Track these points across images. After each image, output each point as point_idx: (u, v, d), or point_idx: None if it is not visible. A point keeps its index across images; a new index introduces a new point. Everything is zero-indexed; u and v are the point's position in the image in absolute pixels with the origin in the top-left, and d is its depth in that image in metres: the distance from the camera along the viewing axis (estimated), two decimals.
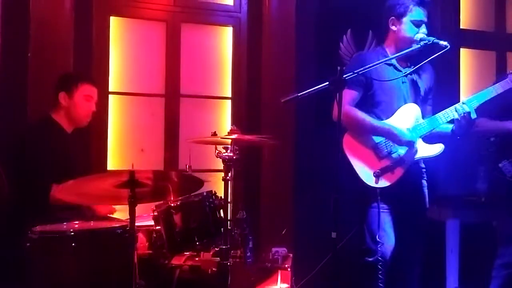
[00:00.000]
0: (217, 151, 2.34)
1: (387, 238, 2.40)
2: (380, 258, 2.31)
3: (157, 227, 2.31)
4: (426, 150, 2.47)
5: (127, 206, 1.96)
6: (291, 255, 2.49)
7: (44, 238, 1.97)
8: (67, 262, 1.98)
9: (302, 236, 3.17)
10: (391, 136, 2.42)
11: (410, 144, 2.42)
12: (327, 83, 1.96)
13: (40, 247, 1.96)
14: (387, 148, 2.44)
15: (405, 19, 2.47)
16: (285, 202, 3.35)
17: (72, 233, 1.99)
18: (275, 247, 2.69)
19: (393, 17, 2.51)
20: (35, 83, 2.88)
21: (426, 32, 2.44)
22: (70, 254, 1.97)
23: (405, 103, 2.51)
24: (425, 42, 2.40)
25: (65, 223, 2.12)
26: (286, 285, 2.23)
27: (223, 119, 3.52)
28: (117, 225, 2.12)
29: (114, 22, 3.29)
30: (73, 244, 1.96)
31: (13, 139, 2.67)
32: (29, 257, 1.97)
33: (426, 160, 2.52)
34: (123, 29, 3.33)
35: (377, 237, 2.35)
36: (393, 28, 2.52)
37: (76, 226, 2.12)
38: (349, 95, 2.43)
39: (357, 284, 2.46)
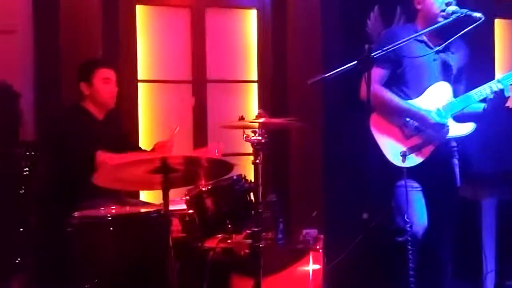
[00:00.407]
0: (245, 135, 2.36)
1: (418, 217, 2.37)
2: (409, 238, 2.29)
3: (190, 211, 2.36)
4: (457, 129, 2.41)
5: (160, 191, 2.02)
6: (322, 236, 2.51)
7: (83, 223, 2.06)
8: (105, 246, 2.06)
9: (332, 218, 3.18)
10: (419, 118, 2.38)
11: (440, 127, 2.38)
12: (355, 62, 1.93)
13: (80, 232, 2.05)
14: (415, 127, 2.40)
15: None
16: (314, 184, 3.35)
17: (110, 218, 2.07)
18: (305, 229, 2.70)
19: None
20: (67, 72, 2.97)
21: (451, 1, 2.36)
22: (108, 238, 2.05)
23: (436, 82, 2.45)
24: (457, 14, 2.31)
25: (102, 208, 2.20)
26: (318, 266, 2.25)
27: (250, 103, 3.53)
28: (152, 210, 2.19)
29: (140, 11, 3.33)
30: (111, 229, 2.04)
31: (50, 127, 2.76)
32: (70, 241, 2.06)
33: (459, 139, 2.46)
34: (149, 17, 3.36)
35: (405, 216, 2.33)
36: (418, 6, 2.46)
37: (113, 211, 2.19)
38: (377, 74, 2.38)
39: (388, 265, 2.46)
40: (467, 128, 2.41)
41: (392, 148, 2.37)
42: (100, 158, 2.41)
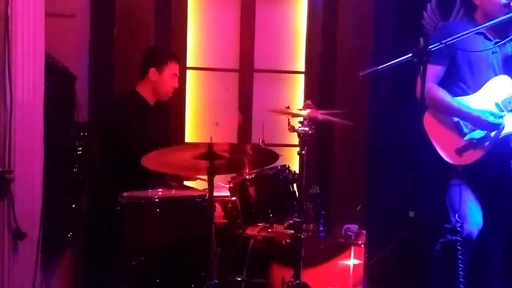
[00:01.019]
0: (289, 126, 2.35)
1: (473, 218, 2.29)
2: (459, 238, 2.22)
3: (233, 198, 2.40)
4: None
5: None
6: (364, 232, 2.47)
7: (131, 203, 2.14)
8: (151, 226, 2.14)
9: (375, 214, 3.12)
10: (471, 119, 2.29)
11: (493, 127, 2.27)
12: (410, 55, 1.87)
13: (128, 211, 2.13)
14: (470, 125, 2.31)
15: None
16: (358, 179, 3.30)
17: (157, 200, 2.13)
18: (346, 223, 2.67)
19: None
20: (120, 58, 3.06)
21: None
22: (154, 218, 2.12)
23: (495, 75, 2.34)
24: None
25: (150, 190, 2.27)
26: (359, 261, 2.23)
27: (296, 94, 3.51)
28: (196, 194, 2.23)
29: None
30: (157, 210, 2.10)
31: (102, 112, 2.87)
32: (119, 220, 2.14)
33: None
34: (200, 5, 3.40)
35: (456, 216, 2.26)
36: (477, 2, 2.35)
37: (160, 193, 2.26)
38: (432, 71, 2.31)
39: (432, 264, 2.39)
40: None
41: (446, 147, 2.30)
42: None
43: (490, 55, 2.34)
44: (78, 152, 2.64)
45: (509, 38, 2.29)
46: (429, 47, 1.83)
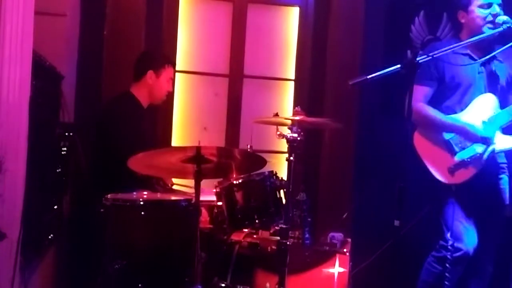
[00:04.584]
0: (278, 132, 2.35)
1: (469, 237, 2.33)
2: (449, 257, 2.26)
3: (219, 203, 2.38)
4: (506, 142, 2.34)
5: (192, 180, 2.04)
6: (349, 240, 2.48)
7: (115, 206, 2.10)
8: (135, 229, 2.10)
9: (360, 222, 3.14)
10: (465, 133, 2.33)
11: (486, 141, 2.31)
12: (398, 66, 1.90)
13: (112, 214, 2.10)
14: (460, 144, 2.35)
15: (472, 8, 2.35)
16: (344, 188, 3.31)
17: (142, 203, 2.11)
18: (332, 231, 2.68)
19: (460, 11, 2.39)
20: (109, 60, 3.04)
21: (499, 12, 2.29)
22: (138, 221, 2.09)
23: (481, 94, 2.38)
24: (508, 25, 2.25)
25: (134, 193, 2.24)
26: (343, 269, 2.23)
27: (285, 101, 3.52)
28: (182, 198, 2.21)
29: (183, 2, 3.36)
30: (142, 213, 2.07)
31: (89, 113, 2.84)
32: (102, 222, 2.11)
33: (509, 155, 2.39)
34: (191, 9, 3.39)
35: (448, 234, 2.29)
36: (462, 20, 2.41)
37: (145, 196, 2.23)
38: (420, 92, 2.36)
39: (416, 275, 2.41)
40: None
41: (437, 166, 2.34)
42: None
43: (476, 75, 2.39)
44: (63, 153, 2.60)
45: (492, 54, 2.33)
46: (418, 59, 1.86)
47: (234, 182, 2.32)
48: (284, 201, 2.31)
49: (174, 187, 2.83)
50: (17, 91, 1.87)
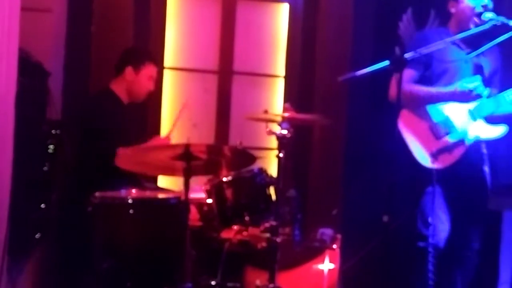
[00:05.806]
0: (268, 129, 2.35)
1: (441, 223, 2.34)
2: (427, 246, 2.27)
3: (209, 201, 2.37)
4: (488, 131, 2.37)
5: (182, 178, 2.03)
6: (339, 236, 2.49)
7: (104, 204, 2.09)
8: (123, 227, 2.09)
9: (350, 218, 3.15)
10: (458, 95, 2.34)
11: (469, 93, 2.31)
12: (387, 62, 1.90)
13: (100, 212, 2.08)
14: (445, 129, 2.37)
15: None
16: (334, 183, 3.32)
17: (130, 201, 2.09)
18: (321, 227, 2.69)
19: (450, 0, 2.41)
20: (97, 56, 3.00)
21: (488, 4, 2.32)
22: (127, 220, 2.08)
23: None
24: (493, 22, 2.28)
25: (123, 190, 2.22)
26: (333, 265, 2.24)
27: (275, 97, 3.51)
28: (171, 196, 2.20)
29: None
30: (130, 211, 2.06)
31: (76, 110, 2.80)
32: (90, 220, 2.09)
33: (489, 145, 2.42)
34: (180, 4, 3.37)
35: (428, 220, 2.30)
36: (452, 10, 2.43)
37: (133, 194, 2.22)
38: (408, 74, 2.37)
39: (406, 269, 2.42)
40: (498, 130, 2.37)
41: (421, 149, 2.35)
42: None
43: (463, 64, 2.42)
44: (49, 150, 2.56)
45: (480, 50, 2.36)
46: (405, 55, 1.88)
47: (224, 179, 2.32)
48: (274, 197, 2.31)
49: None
50: (3, 88, 1.84)
